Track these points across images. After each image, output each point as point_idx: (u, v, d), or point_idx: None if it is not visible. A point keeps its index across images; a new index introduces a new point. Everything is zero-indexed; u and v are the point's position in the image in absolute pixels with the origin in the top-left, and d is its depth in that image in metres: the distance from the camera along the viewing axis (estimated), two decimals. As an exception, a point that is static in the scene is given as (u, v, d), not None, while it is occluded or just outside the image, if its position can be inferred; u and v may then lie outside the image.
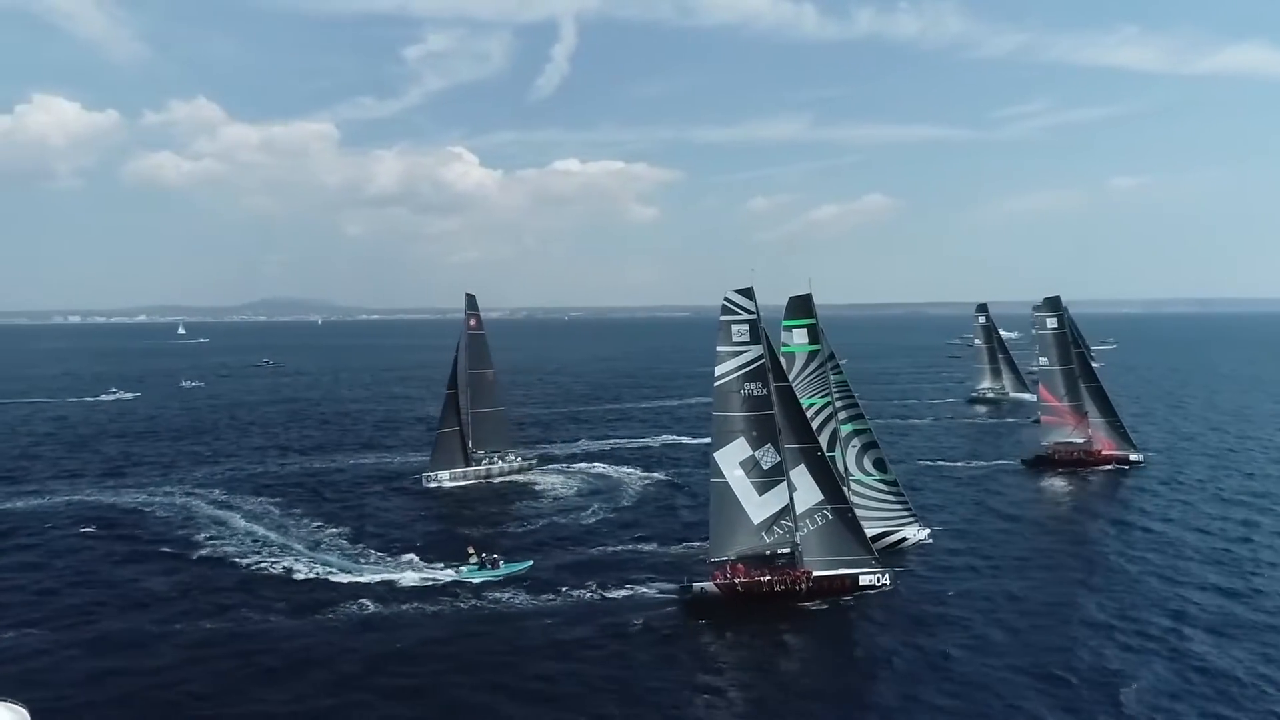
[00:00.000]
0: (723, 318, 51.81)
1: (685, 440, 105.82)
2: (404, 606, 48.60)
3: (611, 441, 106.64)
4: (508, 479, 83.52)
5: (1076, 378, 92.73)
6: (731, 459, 50.53)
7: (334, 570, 54.45)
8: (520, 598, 49.83)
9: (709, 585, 48.75)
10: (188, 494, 77.50)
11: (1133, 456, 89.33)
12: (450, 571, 53.54)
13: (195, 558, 58.26)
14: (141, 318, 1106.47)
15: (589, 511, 70.29)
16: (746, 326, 51.56)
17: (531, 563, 55.05)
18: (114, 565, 56.99)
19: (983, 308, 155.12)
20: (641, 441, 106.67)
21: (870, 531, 58.39)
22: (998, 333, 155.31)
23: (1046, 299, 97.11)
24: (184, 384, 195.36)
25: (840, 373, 61.30)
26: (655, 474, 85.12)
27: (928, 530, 60.47)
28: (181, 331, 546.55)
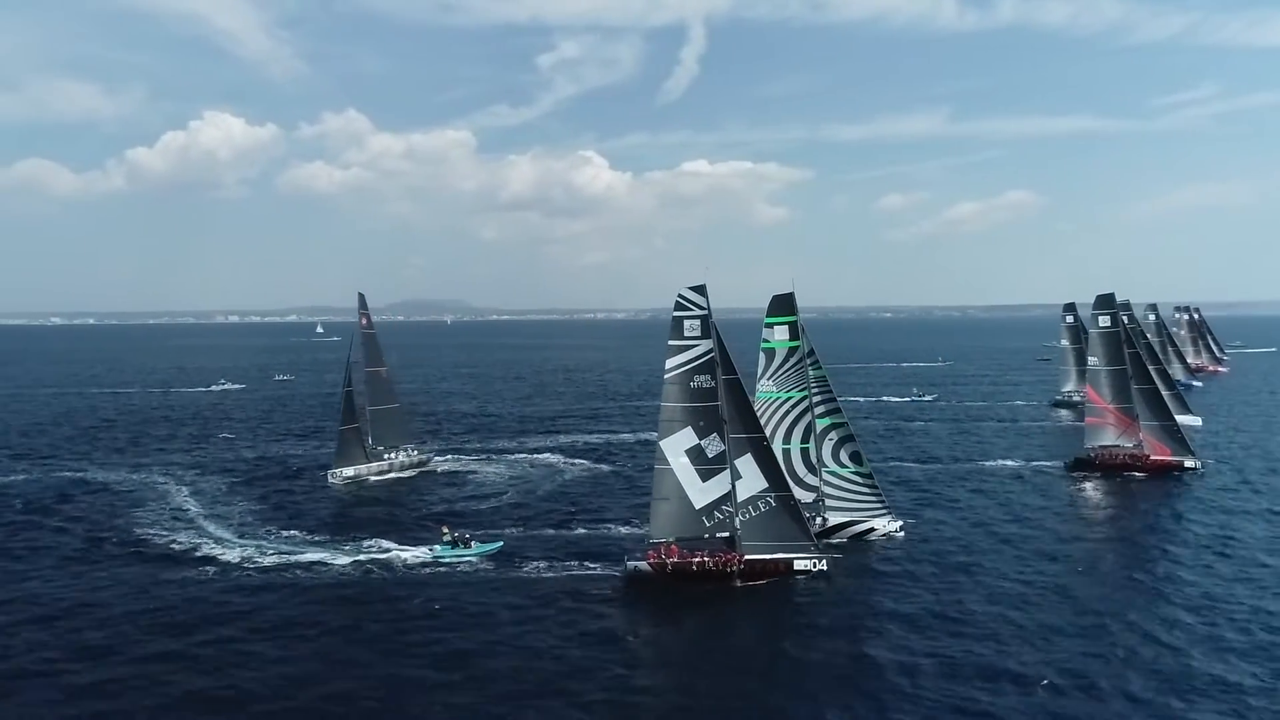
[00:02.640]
0: (675, 314, 53.99)
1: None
2: (373, 581, 53.06)
3: (591, 436, 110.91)
4: (407, 473, 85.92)
5: (1128, 379, 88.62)
6: (678, 447, 52.79)
7: (305, 550, 58.45)
8: (481, 573, 53.65)
9: (643, 564, 51.60)
10: (168, 474, 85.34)
11: (1188, 463, 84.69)
12: (425, 550, 57.70)
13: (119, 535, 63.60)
14: (292, 318, 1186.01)
15: (545, 497, 74.73)
16: (698, 322, 53.60)
17: (502, 543, 58.81)
18: (26, 533, 64.01)
19: (1070, 308, 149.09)
20: (623, 436, 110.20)
21: (837, 520, 59.84)
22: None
23: (1100, 296, 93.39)
24: (276, 378, 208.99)
25: (819, 368, 62.15)
26: (605, 464, 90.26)
27: (899, 523, 60.70)
28: (319, 330, 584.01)
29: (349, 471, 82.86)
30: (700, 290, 53.66)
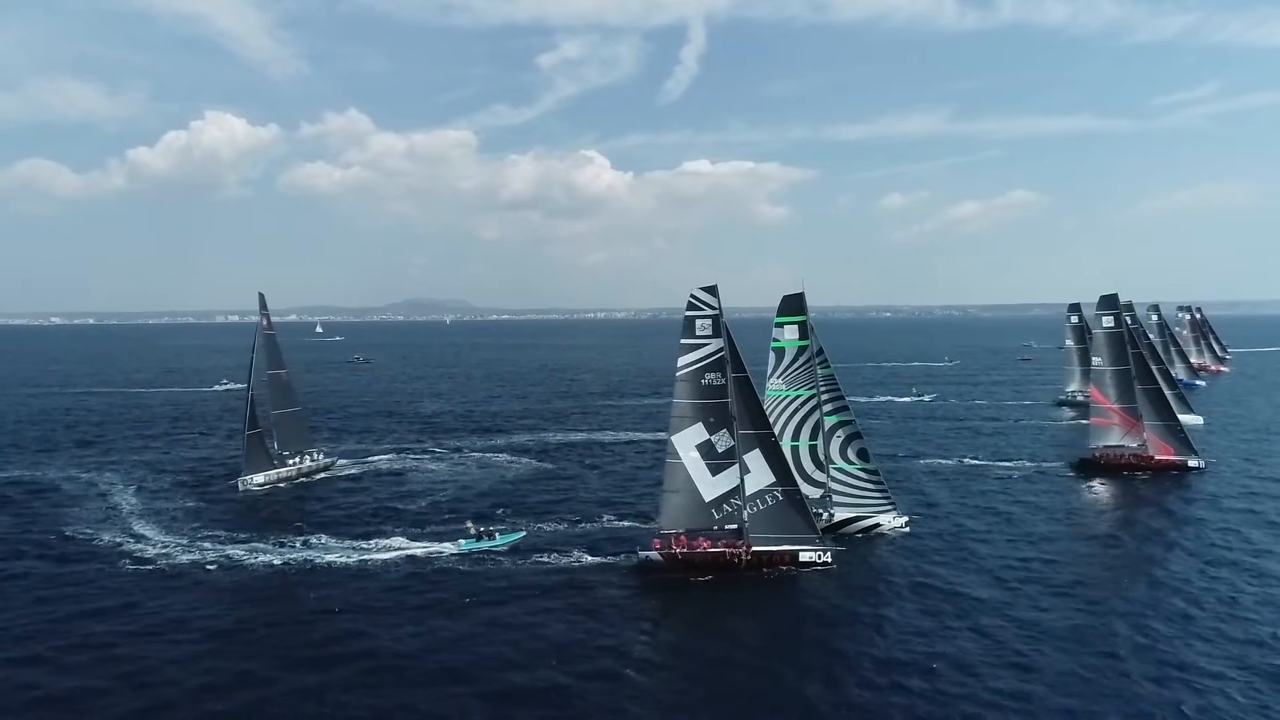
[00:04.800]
0: (688, 313, 54.90)
1: (629, 436, 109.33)
2: (392, 577, 54.11)
3: (547, 435, 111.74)
4: (317, 476, 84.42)
5: (1131, 379, 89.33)
6: (688, 442, 53.89)
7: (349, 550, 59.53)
8: (501, 564, 54.85)
9: (653, 553, 53.12)
10: (112, 472, 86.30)
11: (1191, 463, 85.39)
12: (450, 545, 58.74)
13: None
14: (292, 317, 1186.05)
15: (545, 492, 76.55)
16: (710, 321, 54.49)
17: (524, 533, 60.44)
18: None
19: (1075, 308, 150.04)
20: (574, 436, 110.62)
21: (844, 515, 60.76)
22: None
23: (1103, 297, 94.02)
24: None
25: (827, 366, 62.94)
26: (549, 463, 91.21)
27: (905, 518, 61.61)
28: (319, 330, 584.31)
29: (259, 478, 80.00)
30: (712, 291, 54.56)
